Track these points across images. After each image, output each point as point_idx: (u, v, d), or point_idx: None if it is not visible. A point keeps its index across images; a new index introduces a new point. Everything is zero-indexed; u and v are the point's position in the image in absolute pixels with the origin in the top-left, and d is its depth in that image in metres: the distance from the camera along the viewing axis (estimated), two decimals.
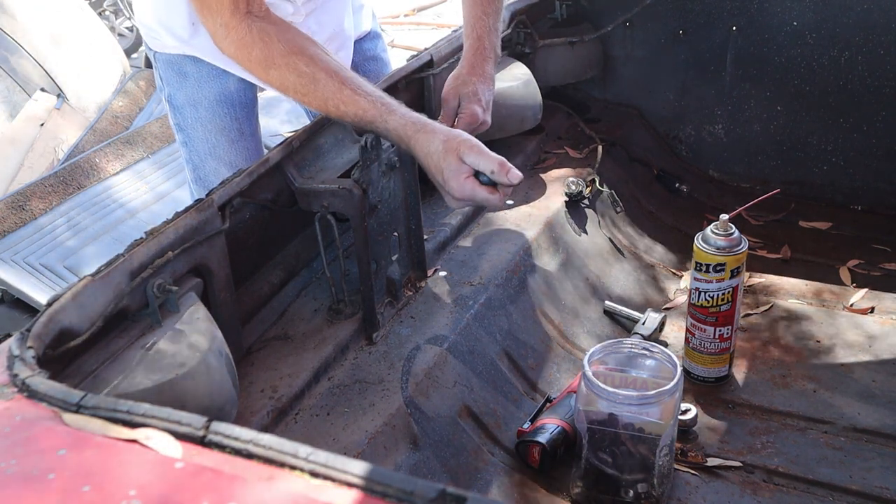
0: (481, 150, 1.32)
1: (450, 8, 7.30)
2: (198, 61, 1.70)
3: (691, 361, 1.57)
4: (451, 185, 1.32)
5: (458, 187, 1.32)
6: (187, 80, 1.72)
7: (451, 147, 1.31)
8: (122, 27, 6.11)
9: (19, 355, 0.86)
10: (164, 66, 1.73)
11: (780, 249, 2.01)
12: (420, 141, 1.33)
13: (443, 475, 1.26)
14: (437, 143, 1.32)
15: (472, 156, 1.31)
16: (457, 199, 1.35)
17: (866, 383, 1.57)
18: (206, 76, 1.71)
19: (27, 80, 3.24)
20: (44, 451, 0.72)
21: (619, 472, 1.30)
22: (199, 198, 1.19)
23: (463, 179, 1.32)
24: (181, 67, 1.72)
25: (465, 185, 1.32)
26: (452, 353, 1.42)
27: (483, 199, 1.34)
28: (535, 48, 2.16)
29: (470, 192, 1.32)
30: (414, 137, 1.33)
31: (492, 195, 1.33)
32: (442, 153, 1.31)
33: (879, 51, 2.04)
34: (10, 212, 2.74)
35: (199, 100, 1.73)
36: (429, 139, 1.32)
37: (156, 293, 1.07)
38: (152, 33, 1.70)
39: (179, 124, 1.77)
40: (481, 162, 1.31)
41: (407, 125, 1.34)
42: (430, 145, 1.32)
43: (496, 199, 1.34)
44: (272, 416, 1.20)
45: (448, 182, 1.32)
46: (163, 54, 1.73)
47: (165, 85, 1.76)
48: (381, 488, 0.64)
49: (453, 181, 1.32)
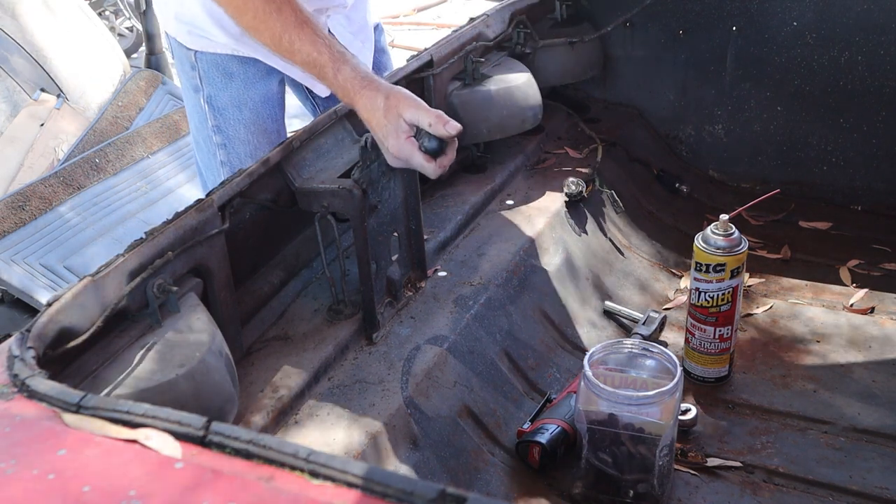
0: (419, 105, 1.32)
1: (450, 8, 7.30)
2: (244, 62, 1.69)
3: (691, 361, 1.57)
4: (390, 142, 1.32)
5: (396, 146, 1.32)
6: (233, 80, 1.70)
7: (391, 104, 1.32)
8: (122, 27, 6.11)
9: (19, 355, 0.86)
10: (209, 66, 1.70)
11: (780, 249, 2.01)
12: (364, 97, 1.33)
13: (443, 475, 1.26)
14: (380, 100, 1.32)
15: (411, 111, 1.31)
16: (394, 156, 1.35)
17: (866, 383, 1.57)
18: (253, 77, 1.70)
19: (27, 80, 3.23)
20: (44, 451, 0.72)
21: (620, 472, 1.30)
22: (200, 198, 1.20)
23: (404, 139, 1.32)
24: (227, 68, 1.69)
25: (403, 146, 1.32)
26: (452, 353, 1.42)
27: (419, 165, 1.34)
28: (535, 48, 2.16)
29: (407, 154, 1.33)
30: (359, 94, 1.33)
31: (427, 163, 1.33)
32: (383, 110, 1.32)
33: (879, 51, 2.04)
34: (10, 212, 2.74)
35: (244, 101, 1.72)
36: (373, 96, 1.32)
37: (156, 293, 1.07)
38: (199, 32, 1.67)
39: (219, 126, 1.74)
40: (420, 116, 1.31)
41: (356, 79, 1.34)
42: (374, 101, 1.32)
43: (431, 168, 1.34)
44: (272, 416, 1.20)
45: (387, 138, 1.32)
46: (207, 54, 1.69)
47: (206, 85, 1.72)
48: (381, 488, 0.64)
49: (392, 139, 1.32)
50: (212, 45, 1.68)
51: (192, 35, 1.68)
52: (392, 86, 1.35)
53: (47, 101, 3.22)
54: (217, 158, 1.77)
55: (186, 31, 1.69)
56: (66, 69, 3.37)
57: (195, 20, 1.66)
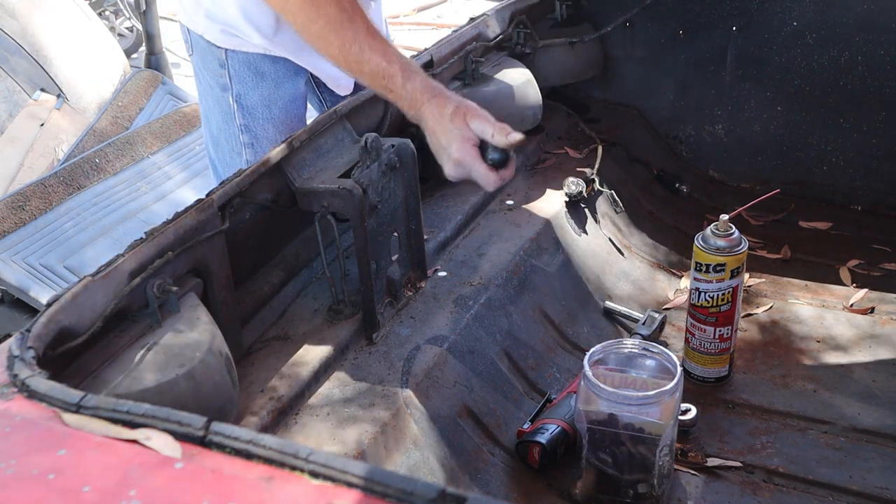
0: (486, 117, 1.38)
1: (450, 8, 7.30)
2: (276, 61, 1.69)
3: (691, 361, 1.57)
4: (454, 146, 1.37)
5: (459, 150, 1.36)
6: (265, 79, 1.70)
7: (459, 112, 1.37)
8: (122, 27, 6.11)
9: (19, 355, 0.86)
10: (240, 65, 1.70)
11: (780, 249, 2.01)
12: (433, 105, 1.38)
13: (443, 475, 1.26)
14: (449, 108, 1.38)
15: (477, 121, 1.37)
16: (455, 162, 1.38)
17: (866, 383, 1.57)
18: (283, 76, 1.71)
19: (27, 80, 3.23)
20: (44, 451, 0.72)
21: (620, 472, 1.30)
22: (200, 198, 1.20)
23: (469, 145, 1.37)
24: (259, 67, 1.69)
25: (468, 151, 1.36)
26: (452, 353, 1.42)
27: (478, 174, 1.38)
28: (535, 48, 2.16)
29: (470, 161, 1.37)
30: (429, 102, 1.38)
31: (488, 172, 1.37)
32: (450, 116, 1.37)
33: (879, 51, 2.04)
34: (10, 212, 2.74)
35: (274, 99, 1.72)
36: (442, 104, 1.38)
37: (156, 293, 1.07)
38: (232, 31, 1.66)
39: (248, 125, 1.74)
40: (485, 126, 1.36)
41: (426, 89, 1.39)
42: (443, 109, 1.37)
43: (492, 178, 1.38)
44: (272, 416, 1.20)
45: (452, 144, 1.37)
46: (238, 53, 1.69)
47: (235, 84, 1.72)
48: (381, 488, 0.64)
49: (456, 143, 1.37)
50: (244, 45, 1.67)
51: (225, 34, 1.68)
52: (461, 98, 1.40)
53: (47, 101, 3.22)
54: (242, 157, 1.77)
55: (218, 30, 1.68)
56: (66, 69, 3.37)
57: (228, 19, 1.65)
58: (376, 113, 1.64)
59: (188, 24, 1.75)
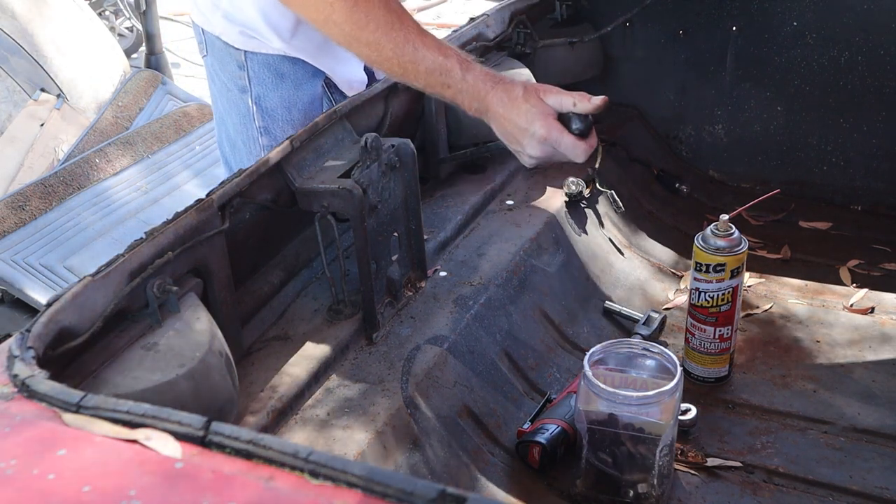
0: (559, 91, 1.34)
1: (450, 8, 7.31)
2: (295, 62, 1.68)
3: (691, 361, 1.57)
4: (537, 124, 1.32)
5: (544, 126, 1.32)
6: (284, 81, 1.69)
7: (530, 90, 1.33)
8: (122, 27, 6.11)
9: (19, 355, 0.86)
10: (260, 66, 1.69)
11: (780, 249, 2.01)
12: (500, 90, 1.34)
13: (443, 475, 1.26)
14: (518, 90, 1.34)
15: (552, 96, 1.33)
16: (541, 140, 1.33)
17: (866, 383, 1.57)
18: (302, 77, 1.70)
19: (27, 80, 3.23)
20: (44, 451, 0.72)
21: (620, 472, 1.30)
22: (200, 198, 1.20)
23: (551, 119, 1.32)
24: (279, 68, 1.68)
25: (552, 125, 1.32)
26: (452, 353, 1.42)
27: (568, 147, 1.33)
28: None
29: (557, 135, 1.32)
30: (494, 89, 1.34)
31: (577, 143, 1.33)
32: (523, 97, 1.33)
33: (879, 51, 2.04)
34: (10, 212, 2.74)
35: (294, 101, 1.71)
36: (509, 88, 1.34)
37: (156, 293, 1.07)
38: (251, 32, 1.65)
39: (267, 127, 1.73)
40: (563, 98, 1.33)
41: (487, 77, 1.35)
42: (511, 92, 1.33)
43: (582, 148, 1.34)
44: (272, 416, 1.20)
45: (533, 123, 1.32)
46: (258, 55, 1.68)
47: (254, 86, 1.71)
48: (381, 488, 0.64)
49: (539, 120, 1.32)
50: (263, 47, 1.67)
51: (244, 36, 1.67)
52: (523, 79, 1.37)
53: (47, 101, 3.23)
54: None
55: (237, 32, 1.67)
56: (66, 69, 3.37)
57: (247, 21, 1.64)
58: (376, 113, 1.64)
59: (203, 24, 1.74)
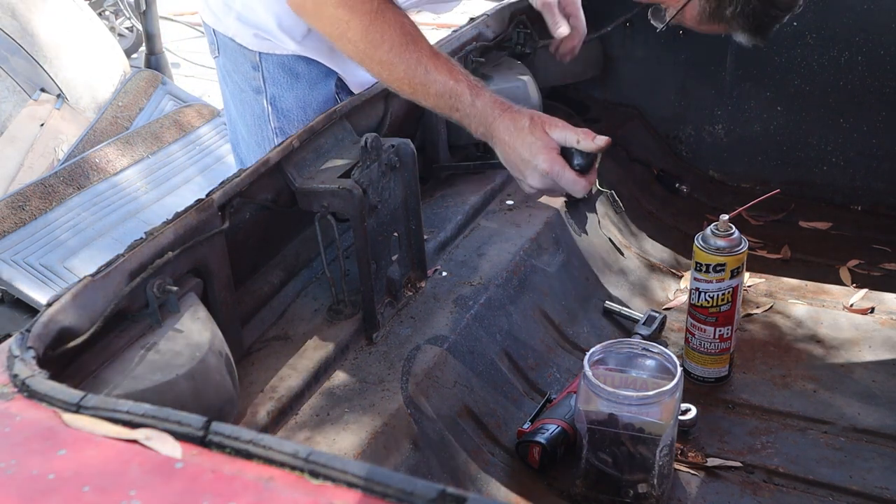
0: (565, 124, 1.35)
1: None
2: (310, 62, 1.68)
3: (691, 361, 1.57)
4: (540, 157, 1.33)
5: (547, 160, 1.33)
6: (299, 81, 1.69)
7: (536, 123, 1.34)
8: (122, 27, 6.11)
9: (19, 355, 0.86)
10: (275, 67, 1.69)
11: (780, 249, 2.01)
12: (507, 118, 1.35)
13: (443, 475, 1.26)
14: (525, 120, 1.35)
15: (557, 130, 1.34)
16: (543, 173, 1.35)
17: (866, 383, 1.57)
18: (316, 77, 1.70)
19: (27, 80, 3.23)
20: (44, 451, 0.72)
21: (620, 473, 1.30)
22: (200, 198, 1.20)
23: (555, 154, 1.33)
24: (294, 68, 1.68)
25: (555, 160, 1.33)
26: (452, 353, 1.42)
27: (568, 182, 1.35)
28: (535, 48, 2.16)
29: (558, 169, 1.34)
30: (501, 116, 1.35)
31: (577, 179, 1.34)
32: (529, 128, 1.34)
33: (879, 51, 2.04)
34: (10, 212, 2.74)
35: (308, 101, 1.71)
36: (517, 117, 1.35)
37: (156, 293, 1.07)
38: (264, 35, 1.66)
39: (283, 128, 1.73)
40: (567, 134, 1.34)
41: (496, 104, 1.36)
42: (518, 122, 1.35)
43: (582, 185, 1.35)
44: (272, 416, 1.20)
45: (536, 156, 1.33)
46: (273, 55, 1.68)
47: (269, 86, 1.70)
48: (381, 488, 0.64)
49: (542, 153, 1.33)
50: (277, 48, 1.67)
51: (258, 38, 1.67)
52: (531, 109, 1.38)
53: (47, 101, 3.23)
54: None
55: (251, 34, 1.67)
56: (66, 69, 3.37)
57: (261, 24, 1.64)
58: (376, 113, 1.64)
59: (215, 25, 1.74)
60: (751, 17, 1.42)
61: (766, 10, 1.42)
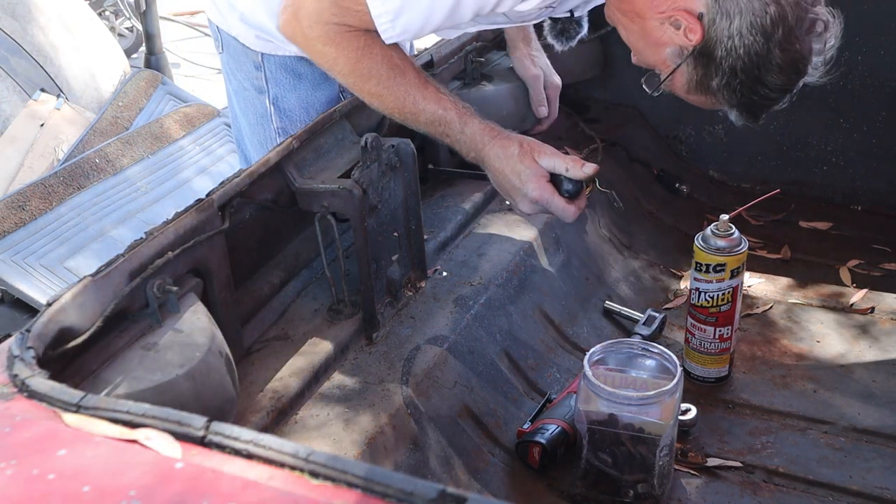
0: (554, 152, 1.38)
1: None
2: (312, 63, 1.67)
3: (691, 361, 1.57)
4: (530, 186, 1.37)
5: (537, 188, 1.36)
6: (302, 81, 1.70)
7: (526, 150, 1.37)
8: (122, 27, 6.10)
9: (19, 355, 0.86)
10: (277, 67, 1.69)
11: (780, 249, 2.01)
12: (497, 146, 1.38)
13: (443, 475, 1.26)
14: (514, 148, 1.37)
15: (546, 158, 1.37)
16: (532, 201, 1.38)
17: (866, 383, 1.57)
18: (320, 78, 1.70)
19: (27, 80, 3.23)
20: (44, 451, 0.72)
21: (620, 473, 1.30)
22: (199, 198, 1.20)
23: (544, 182, 1.37)
24: (296, 69, 1.69)
25: (544, 188, 1.37)
26: (452, 353, 1.42)
27: (558, 209, 1.38)
28: None
29: (548, 197, 1.37)
30: (491, 143, 1.38)
31: (567, 206, 1.38)
32: (518, 156, 1.37)
33: (879, 51, 2.04)
34: (10, 212, 2.74)
35: (311, 102, 1.71)
36: (506, 144, 1.38)
37: (156, 293, 1.07)
38: (266, 36, 1.66)
39: (285, 128, 1.73)
40: (556, 162, 1.37)
41: (485, 130, 1.39)
42: (508, 149, 1.38)
43: (572, 211, 1.38)
44: (272, 416, 1.20)
45: (526, 184, 1.37)
46: (275, 56, 1.68)
47: (272, 87, 1.71)
48: (381, 488, 0.64)
49: (532, 182, 1.37)
50: (280, 49, 1.67)
51: (260, 39, 1.67)
52: (522, 136, 1.41)
53: (47, 101, 3.22)
54: None
55: (254, 36, 1.67)
56: (66, 69, 3.37)
57: (263, 25, 1.64)
58: (376, 113, 1.64)
59: (219, 23, 1.74)
60: (738, 92, 1.36)
61: (755, 89, 1.36)
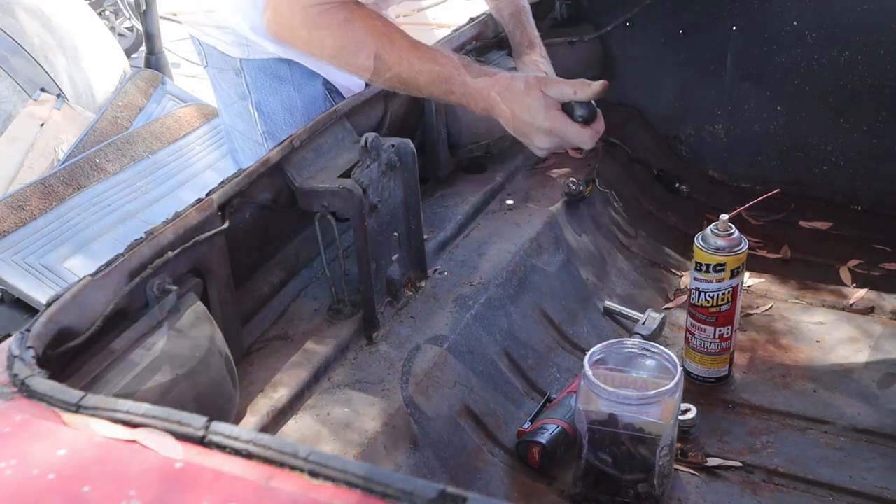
0: (560, 80, 1.38)
1: (450, 8, 7.30)
2: (292, 64, 1.68)
3: (691, 361, 1.57)
4: (541, 117, 1.35)
5: (548, 118, 1.35)
6: (282, 83, 1.70)
7: (531, 84, 1.36)
8: (122, 27, 6.10)
9: (19, 355, 0.86)
10: (257, 72, 1.69)
11: (780, 249, 2.01)
12: (502, 87, 1.37)
13: (443, 475, 1.26)
14: (520, 84, 1.36)
15: (553, 87, 1.36)
16: (547, 132, 1.36)
17: (866, 383, 1.57)
18: (300, 78, 1.70)
19: (27, 80, 3.23)
20: (44, 451, 0.72)
21: (620, 473, 1.30)
22: (199, 198, 1.20)
23: (554, 111, 1.36)
24: (276, 71, 1.69)
25: (556, 116, 1.36)
26: (452, 353, 1.42)
27: (574, 135, 1.36)
28: None
29: (561, 125, 1.36)
30: (495, 87, 1.37)
31: (582, 130, 1.36)
32: (524, 91, 1.36)
33: (879, 51, 2.04)
34: (10, 212, 2.74)
35: (294, 103, 1.71)
36: (510, 84, 1.37)
37: (156, 293, 1.07)
38: (243, 41, 1.66)
39: (271, 131, 1.73)
40: (563, 88, 1.36)
41: (487, 77, 1.38)
42: (513, 88, 1.36)
43: (588, 135, 1.37)
44: (272, 416, 1.20)
45: (537, 116, 1.35)
46: (254, 61, 1.68)
47: (254, 92, 1.71)
48: (381, 488, 0.64)
49: (543, 112, 1.35)
50: (257, 52, 1.67)
51: (237, 45, 1.67)
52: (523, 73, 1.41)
53: (47, 101, 3.22)
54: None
55: (230, 42, 1.67)
56: (66, 69, 3.37)
57: (238, 29, 1.65)
58: (376, 113, 1.64)
59: (199, 36, 1.74)
60: None
61: None
